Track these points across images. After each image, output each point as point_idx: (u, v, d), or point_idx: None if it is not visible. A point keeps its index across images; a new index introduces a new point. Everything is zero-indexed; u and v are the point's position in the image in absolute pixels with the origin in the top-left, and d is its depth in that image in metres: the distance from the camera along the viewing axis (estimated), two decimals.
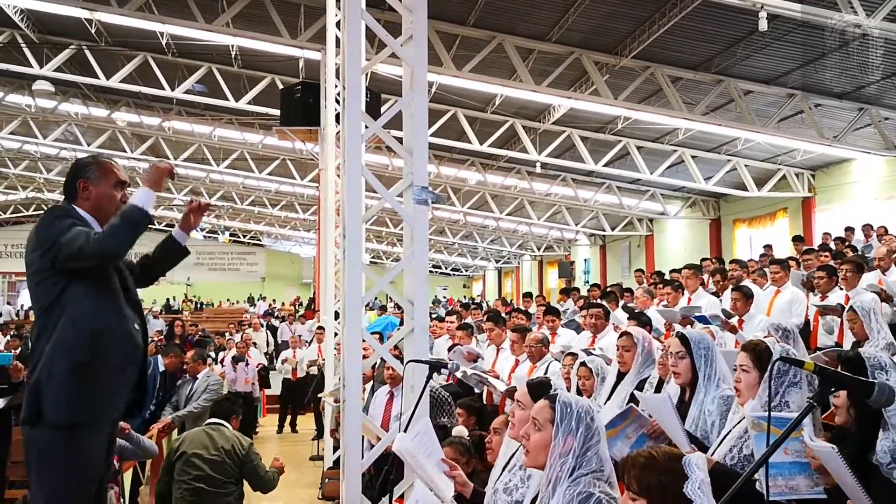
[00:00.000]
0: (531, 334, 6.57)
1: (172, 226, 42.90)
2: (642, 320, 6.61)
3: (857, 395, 2.58)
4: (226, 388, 10.51)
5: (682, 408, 3.72)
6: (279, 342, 18.88)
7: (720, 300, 8.18)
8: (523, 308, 11.75)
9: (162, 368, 7.53)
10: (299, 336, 15.47)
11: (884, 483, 2.80)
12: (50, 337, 3.03)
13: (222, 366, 11.97)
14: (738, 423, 3.18)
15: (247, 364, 11.70)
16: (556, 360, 6.14)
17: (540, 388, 3.08)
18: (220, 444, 5.24)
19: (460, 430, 4.70)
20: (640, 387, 4.46)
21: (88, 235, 3.02)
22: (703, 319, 6.43)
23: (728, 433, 3.20)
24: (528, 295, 15.58)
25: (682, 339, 3.76)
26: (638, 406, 3.36)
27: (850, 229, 13.58)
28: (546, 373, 5.87)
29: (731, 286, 7.90)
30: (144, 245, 3.53)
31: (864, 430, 2.95)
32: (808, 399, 2.27)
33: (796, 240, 14.10)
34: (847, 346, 6.12)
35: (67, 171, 3.37)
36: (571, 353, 5.33)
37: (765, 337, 4.79)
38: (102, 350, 3.07)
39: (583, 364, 4.97)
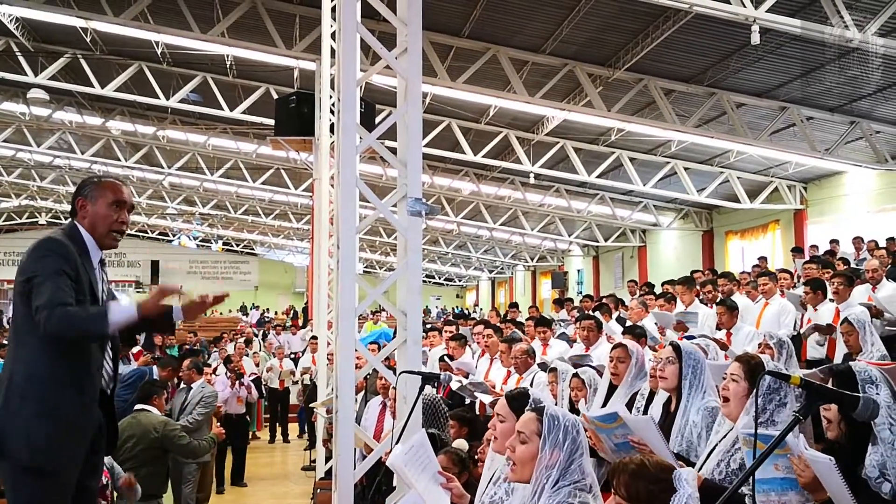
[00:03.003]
0: (517, 345, 6.54)
1: (165, 234, 42.16)
2: (636, 333, 6.61)
3: (843, 408, 2.61)
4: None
5: (668, 417, 3.76)
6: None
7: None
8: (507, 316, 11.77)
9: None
10: (281, 347, 15.25)
11: (872, 497, 2.81)
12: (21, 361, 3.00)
13: (215, 374, 11.79)
14: (725, 436, 3.19)
15: (241, 383, 11.13)
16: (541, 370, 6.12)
17: (518, 400, 3.04)
18: (137, 432, 5.66)
19: (461, 444, 4.67)
20: (631, 399, 4.48)
21: (52, 301, 2.92)
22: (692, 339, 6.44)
23: (714, 447, 3.21)
24: (514, 305, 15.54)
25: (675, 347, 3.83)
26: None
27: (835, 241, 13.65)
28: (532, 384, 5.85)
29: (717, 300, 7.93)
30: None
31: (855, 445, 2.97)
32: (793, 412, 2.29)
33: (795, 251, 14.16)
34: (838, 359, 6.15)
35: None
36: (553, 368, 5.29)
37: (760, 351, 4.82)
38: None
39: (575, 375, 4.98)
